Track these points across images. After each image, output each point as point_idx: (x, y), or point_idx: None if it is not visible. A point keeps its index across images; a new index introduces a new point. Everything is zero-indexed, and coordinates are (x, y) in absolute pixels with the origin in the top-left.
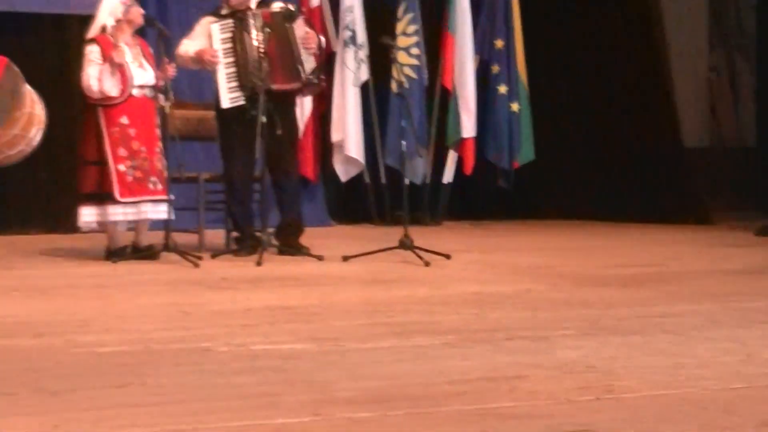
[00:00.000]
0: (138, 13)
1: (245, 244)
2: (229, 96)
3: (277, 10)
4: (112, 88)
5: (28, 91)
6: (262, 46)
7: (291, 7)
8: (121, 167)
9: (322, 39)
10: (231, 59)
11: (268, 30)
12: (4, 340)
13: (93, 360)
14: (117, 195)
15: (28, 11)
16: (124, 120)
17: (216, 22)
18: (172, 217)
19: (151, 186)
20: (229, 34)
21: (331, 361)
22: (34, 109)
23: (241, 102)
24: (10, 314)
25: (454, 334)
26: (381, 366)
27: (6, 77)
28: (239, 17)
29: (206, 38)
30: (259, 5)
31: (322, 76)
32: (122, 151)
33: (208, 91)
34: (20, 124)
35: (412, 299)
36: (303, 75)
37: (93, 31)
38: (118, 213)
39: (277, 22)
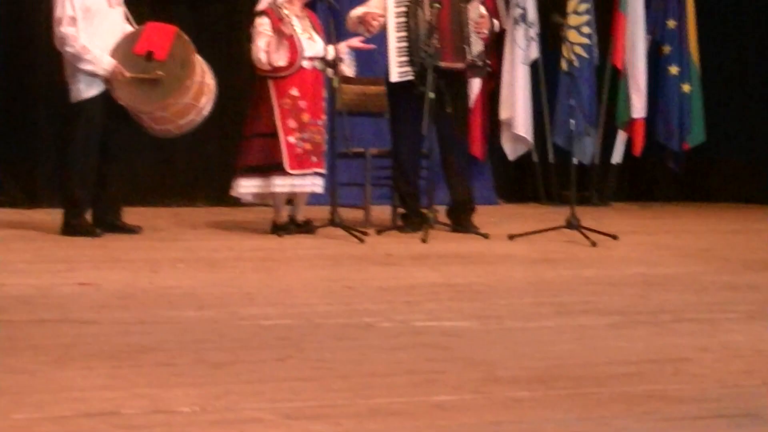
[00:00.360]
0: None
1: (411, 220)
2: (398, 70)
3: None
4: (280, 58)
5: (199, 60)
6: (434, 21)
7: None
8: (291, 139)
9: (496, 23)
10: (403, 33)
11: (438, 6)
12: (168, 311)
13: (255, 333)
14: (286, 166)
15: None
16: (294, 92)
17: None
18: (320, 191)
19: (314, 159)
20: (404, 8)
21: (494, 340)
22: (204, 78)
23: (410, 77)
24: (175, 285)
25: (618, 315)
26: (544, 345)
27: (176, 46)
28: None
29: (381, 9)
30: None
31: (489, 61)
32: (292, 123)
33: (375, 66)
34: (191, 93)
35: (578, 279)
36: (469, 56)
37: (263, 4)
38: (286, 184)
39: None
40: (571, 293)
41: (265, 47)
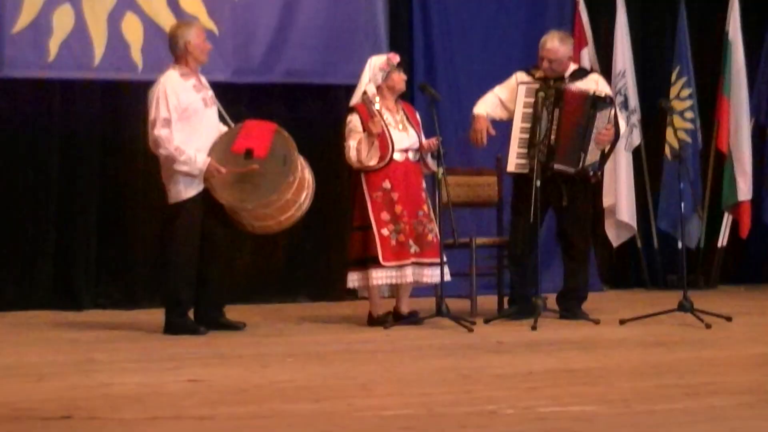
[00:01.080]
0: (399, 79)
1: (522, 307)
2: (515, 161)
3: (587, 90)
4: (371, 158)
5: (298, 156)
6: (556, 120)
7: (604, 92)
8: (385, 231)
9: (622, 126)
10: (526, 125)
11: (570, 106)
12: (285, 404)
13: (377, 424)
14: (381, 259)
15: (298, 82)
16: (387, 184)
17: (526, 83)
18: (447, 278)
19: (413, 249)
20: (531, 99)
21: (623, 423)
22: (304, 173)
23: (525, 170)
24: (289, 379)
25: (749, 394)
26: (675, 428)
27: (277, 142)
28: (548, 84)
29: (510, 93)
30: (575, 74)
31: (600, 172)
32: (385, 215)
33: (477, 158)
34: (292, 189)
35: (699, 360)
36: (581, 164)
37: (355, 99)
38: (381, 277)
39: (583, 102)
40: (694, 374)
41: (356, 146)
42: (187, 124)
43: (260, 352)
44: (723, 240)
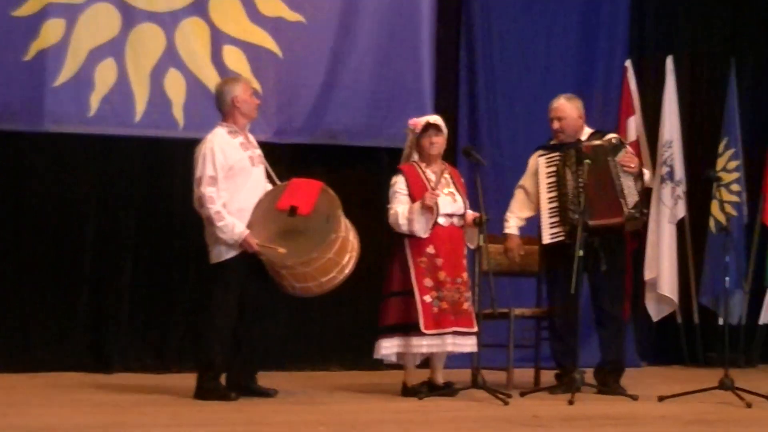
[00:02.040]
0: (428, 143)
1: (565, 381)
2: (550, 231)
3: (599, 142)
4: (421, 230)
5: (343, 217)
6: (581, 180)
7: (615, 139)
8: (427, 298)
9: (647, 174)
10: (554, 194)
11: (588, 163)
12: None
13: None
14: (422, 326)
15: (344, 144)
16: (431, 249)
17: (544, 155)
18: (472, 350)
19: (453, 317)
20: (554, 168)
21: None
22: (348, 235)
23: (561, 238)
24: None
25: None
26: None
27: (322, 201)
28: (565, 150)
29: (533, 174)
30: (592, 136)
31: (645, 210)
32: (428, 282)
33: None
34: (334, 248)
35: None
36: (625, 209)
37: (402, 161)
38: (422, 345)
39: (598, 154)
40: None
41: (407, 214)
42: (233, 183)
43: (291, 419)
44: (765, 317)
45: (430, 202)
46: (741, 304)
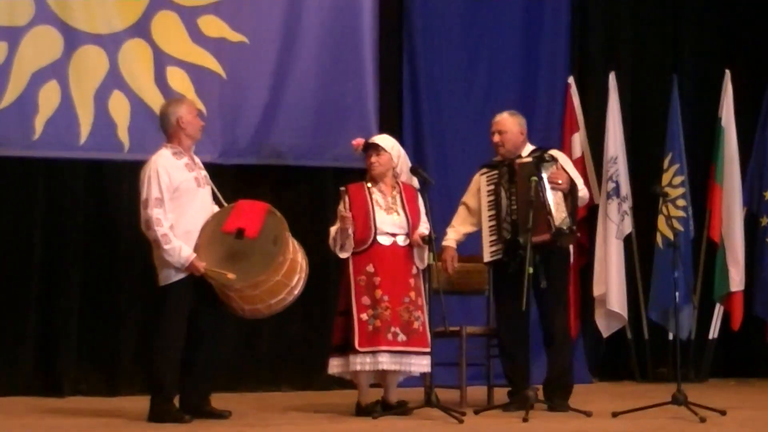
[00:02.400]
0: (368, 163)
1: (517, 399)
2: (489, 250)
3: (527, 159)
4: (343, 252)
5: (291, 238)
6: (514, 195)
7: (547, 155)
8: (363, 316)
9: (579, 184)
10: (492, 212)
11: (521, 178)
12: None
13: None
14: (356, 344)
15: (290, 164)
16: (370, 268)
17: (485, 173)
18: (427, 370)
19: (390, 336)
20: (492, 187)
21: None
22: (296, 256)
23: (499, 256)
24: None
25: None
26: None
27: (268, 223)
28: (501, 167)
29: (477, 190)
30: (532, 153)
31: (574, 226)
32: (365, 300)
33: (467, 245)
34: (282, 270)
35: None
36: (553, 226)
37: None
38: (356, 363)
39: (530, 169)
40: None
41: (333, 234)
42: (179, 204)
43: None
44: (714, 332)
45: (342, 224)
46: (690, 319)
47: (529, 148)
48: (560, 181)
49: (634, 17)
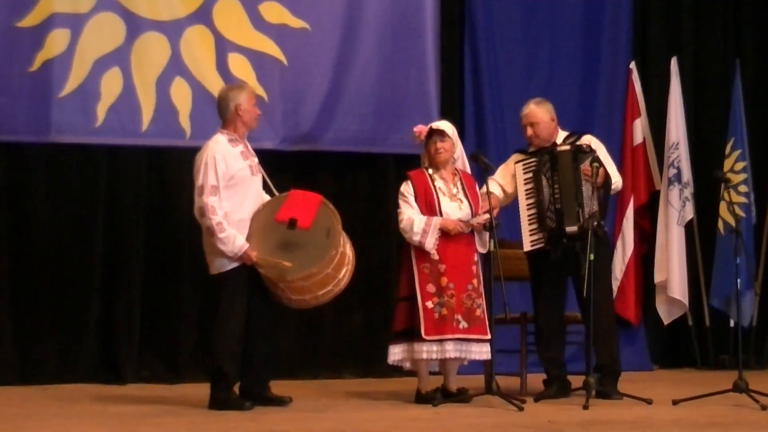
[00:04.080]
0: (433, 150)
1: (552, 387)
2: (530, 239)
3: (566, 148)
4: (431, 246)
5: (341, 230)
6: (558, 184)
7: (585, 145)
8: (429, 304)
9: (614, 175)
10: (532, 200)
11: (562, 166)
12: None
13: None
14: (423, 332)
15: (346, 150)
16: (435, 256)
17: (522, 161)
18: (487, 357)
19: (455, 324)
20: (530, 174)
21: None
22: (345, 249)
23: (541, 245)
24: None
25: None
26: None
27: (321, 214)
28: (542, 155)
29: (511, 176)
30: (567, 139)
31: (602, 222)
32: (431, 287)
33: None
34: (333, 263)
35: None
36: (581, 219)
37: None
38: (423, 351)
39: (570, 158)
40: None
41: (423, 226)
42: (234, 192)
43: (306, 427)
44: None
45: (453, 230)
46: (752, 306)
47: (562, 134)
48: (588, 176)
49: (695, 1)
